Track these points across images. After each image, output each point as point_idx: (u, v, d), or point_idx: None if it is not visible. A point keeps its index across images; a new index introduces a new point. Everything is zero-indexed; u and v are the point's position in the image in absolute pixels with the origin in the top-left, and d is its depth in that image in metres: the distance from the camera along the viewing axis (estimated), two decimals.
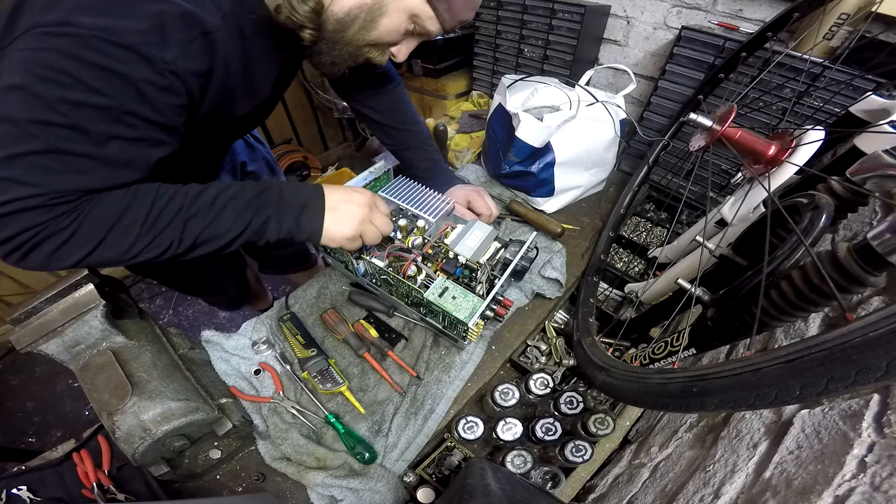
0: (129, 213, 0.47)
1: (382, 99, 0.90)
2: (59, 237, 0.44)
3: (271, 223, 0.56)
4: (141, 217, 0.48)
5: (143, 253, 0.49)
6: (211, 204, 0.51)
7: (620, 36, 1.23)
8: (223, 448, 0.68)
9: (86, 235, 0.45)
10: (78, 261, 0.47)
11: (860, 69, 0.77)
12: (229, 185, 0.54)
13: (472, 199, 0.93)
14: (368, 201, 0.64)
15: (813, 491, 0.40)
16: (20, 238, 0.42)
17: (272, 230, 0.56)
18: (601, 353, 0.68)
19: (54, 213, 0.43)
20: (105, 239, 0.46)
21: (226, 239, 0.53)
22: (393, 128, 0.93)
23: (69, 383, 1.69)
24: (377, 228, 0.66)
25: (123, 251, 0.48)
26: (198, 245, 0.52)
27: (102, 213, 0.46)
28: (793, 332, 0.64)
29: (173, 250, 0.51)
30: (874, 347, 0.27)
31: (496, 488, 0.49)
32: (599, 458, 0.78)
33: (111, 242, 0.47)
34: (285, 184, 0.59)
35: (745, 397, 0.35)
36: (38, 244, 0.44)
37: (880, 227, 0.34)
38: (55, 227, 0.43)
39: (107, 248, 0.47)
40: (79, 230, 0.45)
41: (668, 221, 1.13)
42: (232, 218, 0.53)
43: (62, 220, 0.44)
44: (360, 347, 0.79)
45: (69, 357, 0.61)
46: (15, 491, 0.60)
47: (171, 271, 0.95)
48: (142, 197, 0.48)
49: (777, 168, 0.59)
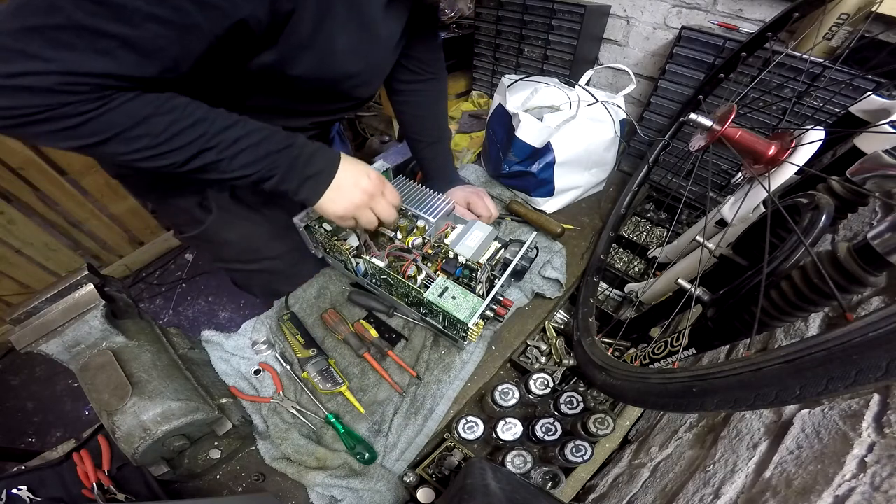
0: (146, 124, 0.45)
1: (431, 88, 0.91)
2: (63, 123, 0.41)
3: (274, 179, 0.56)
4: (157, 131, 0.46)
5: (141, 161, 0.48)
6: (232, 143, 0.51)
7: (620, 36, 1.23)
8: (223, 448, 0.68)
9: (90, 131, 0.43)
10: (70, 148, 0.44)
11: (860, 69, 0.77)
12: (257, 129, 0.54)
13: (472, 201, 0.94)
14: (374, 189, 0.65)
15: (813, 491, 0.40)
16: (19, 111, 0.39)
17: (271, 184, 0.57)
18: (601, 353, 0.68)
19: (65, 100, 0.40)
20: (109, 140, 0.44)
21: (227, 176, 0.53)
22: (430, 120, 0.94)
23: (69, 383, 1.70)
24: (377, 215, 0.67)
25: (121, 153, 0.46)
26: (197, 171, 0.51)
27: (118, 116, 0.43)
28: (793, 332, 0.64)
29: (172, 168, 0.50)
30: (874, 347, 0.27)
31: (496, 488, 0.49)
32: (599, 458, 0.78)
33: (113, 144, 0.45)
34: (307, 145, 0.59)
35: (745, 397, 0.35)
36: (36, 122, 0.41)
37: (880, 227, 0.34)
38: (61, 114, 0.41)
39: (106, 146, 0.45)
40: (85, 124, 0.42)
41: (668, 221, 1.13)
42: (244, 162, 0.53)
43: (72, 108, 0.41)
44: (360, 347, 0.79)
45: (69, 357, 0.61)
46: (15, 491, 0.60)
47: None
48: (165, 111, 0.46)
49: (777, 168, 0.59)
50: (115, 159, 0.48)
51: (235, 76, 0.56)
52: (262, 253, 0.90)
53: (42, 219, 1.72)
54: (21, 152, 1.52)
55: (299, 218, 0.81)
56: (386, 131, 2.02)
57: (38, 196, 1.67)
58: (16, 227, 1.62)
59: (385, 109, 1.82)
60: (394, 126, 1.86)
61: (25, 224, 1.64)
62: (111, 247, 2.01)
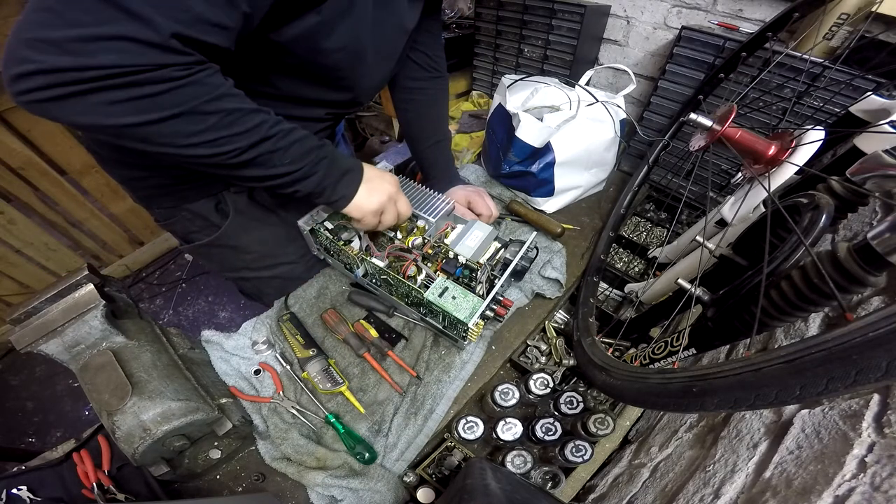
0: (220, 101, 0.44)
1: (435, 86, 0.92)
2: (146, 90, 0.38)
3: (315, 176, 0.57)
4: (229, 109, 0.44)
5: (198, 147, 0.45)
6: (286, 133, 0.51)
7: (620, 36, 1.23)
8: (223, 448, 0.68)
9: (171, 101, 0.40)
10: (121, 125, 0.40)
11: (860, 69, 0.77)
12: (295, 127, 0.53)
13: (473, 200, 0.94)
14: (398, 183, 0.69)
15: (813, 491, 0.40)
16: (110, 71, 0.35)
17: (311, 183, 0.57)
18: (601, 353, 0.68)
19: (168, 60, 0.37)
20: (182, 115, 0.41)
21: (274, 171, 0.53)
22: (432, 120, 0.95)
23: (69, 383, 1.70)
24: (398, 211, 0.70)
25: (190, 133, 0.43)
26: (249, 165, 0.50)
27: (198, 88, 0.41)
28: (793, 332, 0.64)
29: (229, 157, 0.47)
30: (874, 347, 0.27)
31: (496, 488, 0.49)
32: (599, 458, 0.78)
33: (184, 121, 0.42)
34: (328, 144, 0.59)
35: (745, 397, 0.35)
36: (111, 89, 0.37)
37: (880, 227, 0.34)
38: (154, 77, 0.37)
39: (177, 122, 0.42)
40: (168, 93, 0.39)
41: (668, 221, 1.13)
42: (294, 156, 0.53)
43: (166, 72, 0.38)
44: (360, 347, 0.79)
45: (69, 357, 0.61)
46: (15, 491, 0.60)
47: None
48: (235, 94, 0.45)
49: (777, 168, 0.59)
50: (174, 142, 0.44)
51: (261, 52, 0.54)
52: (278, 258, 0.89)
53: (42, 219, 1.72)
54: (21, 152, 1.53)
55: (304, 221, 0.81)
56: (386, 131, 2.02)
57: (38, 196, 1.67)
58: (16, 227, 1.62)
59: (385, 109, 1.82)
60: (394, 126, 1.86)
61: (25, 224, 1.64)
62: (111, 247, 2.01)
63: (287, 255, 0.90)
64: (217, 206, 0.77)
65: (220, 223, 0.78)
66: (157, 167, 0.69)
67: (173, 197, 0.75)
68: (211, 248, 0.81)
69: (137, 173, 0.71)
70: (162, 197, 0.75)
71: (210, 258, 0.87)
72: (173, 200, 0.75)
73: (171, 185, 0.72)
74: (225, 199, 0.77)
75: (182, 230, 0.80)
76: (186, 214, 0.77)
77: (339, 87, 0.67)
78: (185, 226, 0.79)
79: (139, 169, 0.70)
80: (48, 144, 1.61)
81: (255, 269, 0.89)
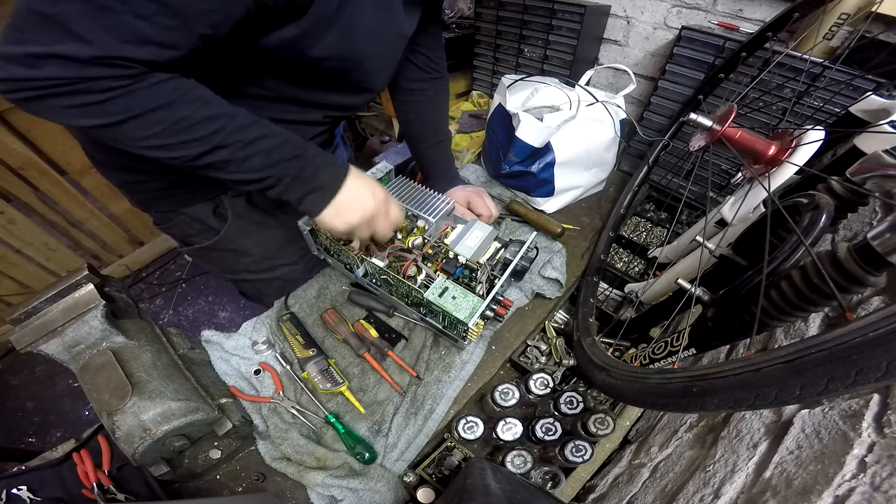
0: (166, 110, 0.45)
1: (436, 87, 0.91)
2: (87, 98, 0.42)
3: (280, 186, 0.56)
4: (174, 119, 0.46)
5: (154, 150, 0.48)
6: (247, 144, 0.51)
7: (620, 36, 1.23)
8: (223, 448, 0.68)
9: (113, 109, 0.43)
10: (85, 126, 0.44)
11: (860, 69, 0.77)
12: (273, 133, 0.54)
13: (472, 200, 0.94)
14: (375, 210, 0.64)
15: (813, 491, 0.41)
16: (49, 82, 0.40)
17: (276, 191, 0.57)
18: (601, 353, 0.68)
19: (100, 73, 0.40)
20: (126, 121, 0.45)
21: (235, 177, 0.53)
22: (432, 121, 0.94)
23: (69, 383, 1.70)
24: (390, 221, 0.68)
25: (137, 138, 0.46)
26: (206, 168, 0.51)
27: (142, 98, 0.44)
28: (793, 332, 0.64)
29: (181, 161, 0.49)
30: (874, 347, 0.27)
31: (496, 488, 0.49)
32: (599, 458, 0.78)
33: (130, 126, 0.45)
34: (317, 156, 0.58)
35: (745, 397, 0.35)
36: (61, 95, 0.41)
37: (880, 227, 0.34)
38: (89, 88, 0.41)
39: (123, 128, 0.45)
40: (110, 101, 0.42)
41: (668, 221, 1.13)
42: (255, 164, 0.53)
43: (103, 83, 0.41)
44: (360, 347, 0.79)
45: (69, 357, 0.61)
46: (15, 491, 0.60)
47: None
48: (187, 101, 0.47)
49: (777, 168, 0.59)
50: (132, 144, 0.47)
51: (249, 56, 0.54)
52: (277, 260, 0.88)
53: (42, 219, 1.72)
54: (21, 152, 1.52)
55: (303, 221, 0.81)
56: (386, 131, 2.02)
57: (38, 196, 1.67)
58: (16, 227, 1.62)
59: (385, 109, 1.82)
60: (394, 126, 1.86)
61: (25, 224, 1.64)
62: (111, 247, 2.01)
63: (287, 257, 0.89)
64: (215, 210, 0.77)
65: (218, 227, 0.77)
66: (152, 171, 0.68)
67: (170, 201, 0.74)
68: (210, 251, 0.81)
69: (133, 177, 0.71)
70: (159, 201, 0.74)
71: (209, 261, 0.87)
72: (170, 204, 0.75)
73: (168, 189, 0.72)
74: (223, 203, 0.76)
75: (180, 234, 0.80)
76: (184, 218, 0.77)
77: (336, 91, 0.67)
78: (183, 230, 0.79)
79: (134, 173, 0.69)
80: (48, 144, 1.61)
81: (255, 271, 0.89)
